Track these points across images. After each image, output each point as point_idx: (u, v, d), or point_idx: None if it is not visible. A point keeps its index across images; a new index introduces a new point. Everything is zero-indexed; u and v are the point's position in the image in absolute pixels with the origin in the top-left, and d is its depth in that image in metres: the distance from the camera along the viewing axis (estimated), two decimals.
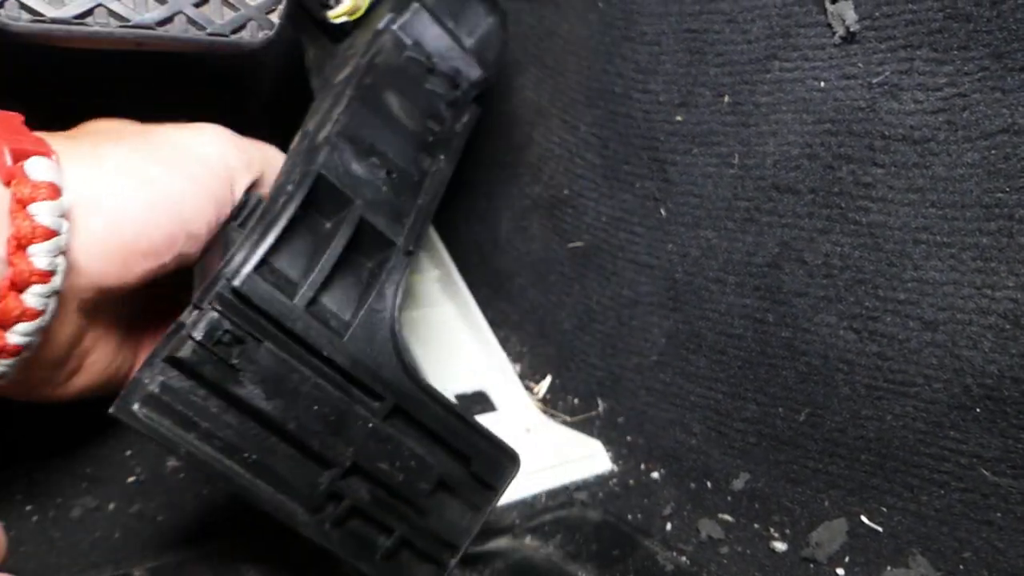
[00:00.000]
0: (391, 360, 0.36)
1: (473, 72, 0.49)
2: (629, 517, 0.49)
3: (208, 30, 0.37)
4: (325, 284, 0.35)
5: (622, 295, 0.57)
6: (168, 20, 0.36)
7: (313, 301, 0.34)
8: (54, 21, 0.34)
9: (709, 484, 0.51)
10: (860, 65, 0.43)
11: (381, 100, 0.42)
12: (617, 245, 0.57)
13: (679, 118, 0.52)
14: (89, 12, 0.35)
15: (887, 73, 0.42)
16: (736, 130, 0.49)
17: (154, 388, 0.31)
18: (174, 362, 0.32)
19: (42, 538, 0.37)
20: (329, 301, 0.36)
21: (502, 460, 0.40)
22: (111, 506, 0.40)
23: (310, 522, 0.35)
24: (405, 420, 0.37)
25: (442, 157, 0.44)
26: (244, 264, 0.33)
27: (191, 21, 0.37)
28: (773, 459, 0.49)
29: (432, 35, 0.48)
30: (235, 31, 0.38)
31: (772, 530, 0.46)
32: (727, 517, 0.48)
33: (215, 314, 0.32)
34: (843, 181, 0.44)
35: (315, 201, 0.36)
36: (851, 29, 0.43)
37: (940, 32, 0.40)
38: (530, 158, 0.63)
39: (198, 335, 0.31)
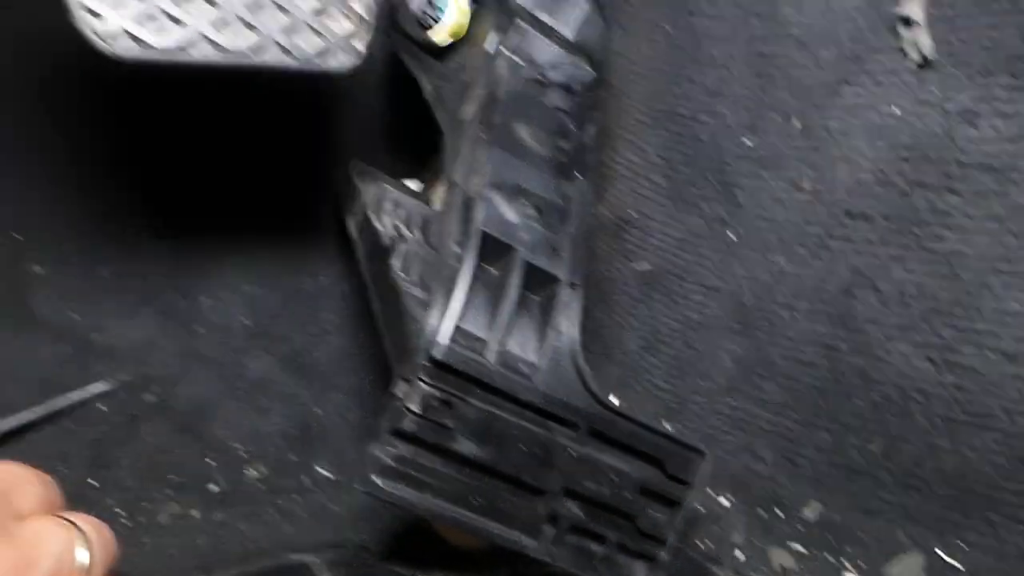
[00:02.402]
0: (579, 389, 0.41)
1: (585, 75, 0.53)
2: (699, 544, 0.51)
3: (297, 57, 0.40)
4: (507, 332, 0.40)
5: (689, 318, 0.59)
6: (261, 48, 0.40)
7: (501, 352, 0.39)
8: (160, 50, 0.37)
9: (780, 513, 0.52)
10: (935, 91, 0.45)
11: (514, 136, 0.46)
12: (684, 267, 0.59)
13: (748, 142, 0.54)
14: (190, 42, 0.38)
15: (964, 100, 0.43)
16: (806, 155, 0.51)
17: (388, 460, 0.37)
18: (398, 433, 0.37)
19: (133, 542, 0.40)
20: (514, 346, 0.41)
21: (691, 457, 0.45)
22: (195, 513, 0.43)
23: (535, 546, 0.41)
24: (601, 440, 0.42)
25: (579, 176, 0.48)
26: (439, 334, 0.38)
27: (282, 49, 0.40)
28: (846, 489, 0.50)
29: (540, 47, 0.51)
30: (322, 58, 0.41)
31: (845, 562, 0.47)
32: (799, 547, 0.49)
33: (424, 386, 0.37)
34: (918, 208, 0.46)
35: (481, 254, 0.41)
36: (927, 56, 0.44)
37: (1018, 58, 0.41)
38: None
39: (415, 407, 0.37)
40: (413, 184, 0.66)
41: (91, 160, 0.58)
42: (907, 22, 0.45)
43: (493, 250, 0.41)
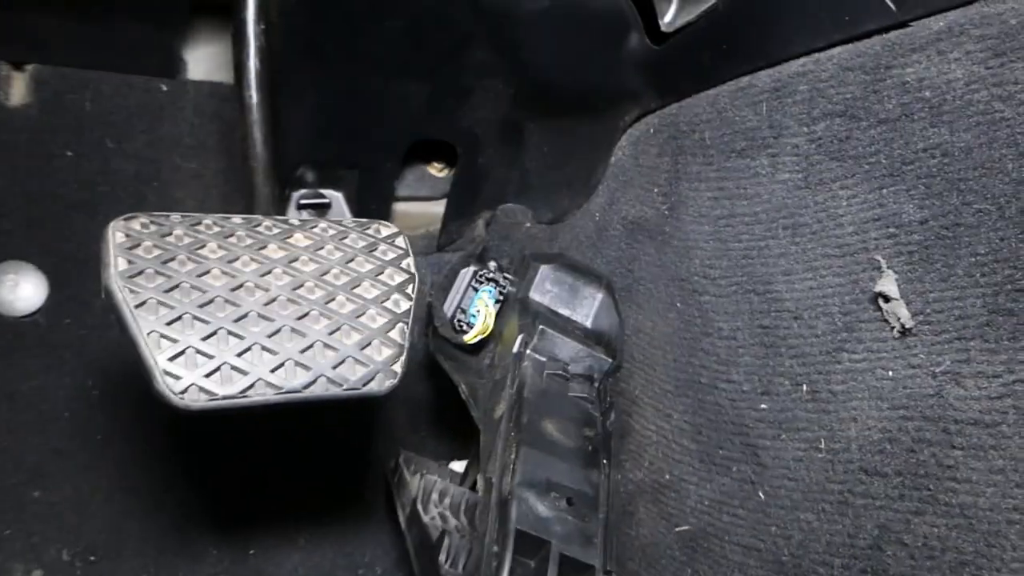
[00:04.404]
0: None
1: (603, 364, 0.60)
2: None
3: (344, 386, 0.48)
4: None
5: None
6: (312, 383, 0.47)
7: None
8: (225, 397, 0.45)
9: None
10: (922, 356, 0.50)
11: (542, 433, 0.52)
12: (722, 528, 0.62)
13: (764, 406, 0.59)
14: (251, 386, 0.46)
15: (947, 363, 0.49)
16: (818, 416, 0.56)
17: None
18: None
19: None
20: None
21: None
22: None
23: None
24: None
25: (605, 461, 0.53)
26: None
27: (330, 381, 0.48)
28: None
29: (561, 344, 0.59)
30: (366, 383, 0.49)
31: None
32: None
33: None
34: (927, 464, 0.50)
35: (517, 550, 0.45)
36: (906, 326, 0.50)
37: (988, 325, 0.47)
38: (631, 445, 0.71)
39: None
40: (457, 465, 0.72)
41: (153, 473, 0.66)
42: (885, 298, 0.52)
43: (529, 545, 0.45)
